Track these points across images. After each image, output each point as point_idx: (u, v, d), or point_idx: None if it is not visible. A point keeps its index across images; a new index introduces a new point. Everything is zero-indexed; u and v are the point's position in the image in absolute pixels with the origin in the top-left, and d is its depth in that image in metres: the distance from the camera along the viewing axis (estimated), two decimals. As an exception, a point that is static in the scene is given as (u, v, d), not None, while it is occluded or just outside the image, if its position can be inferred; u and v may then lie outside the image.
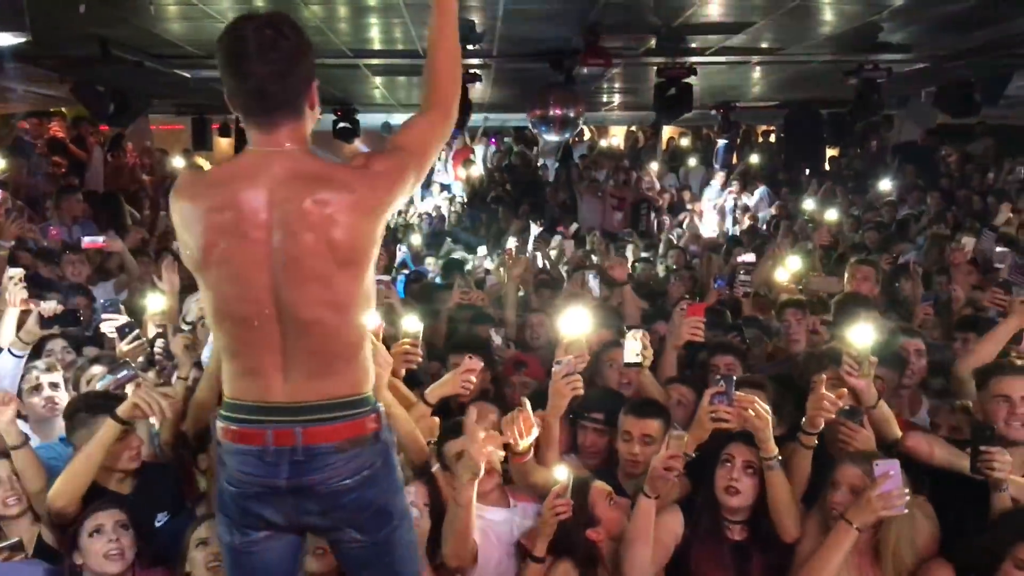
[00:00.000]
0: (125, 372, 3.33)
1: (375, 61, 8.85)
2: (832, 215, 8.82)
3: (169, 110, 13.29)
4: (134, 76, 8.54)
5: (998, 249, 5.72)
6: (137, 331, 3.84)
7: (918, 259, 6.81)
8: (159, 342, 3.95)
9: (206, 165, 14.01)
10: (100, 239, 6.23)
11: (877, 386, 3.15)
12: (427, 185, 14.48)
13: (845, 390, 3.05)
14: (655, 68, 8.50)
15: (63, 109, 11.36)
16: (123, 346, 3.76)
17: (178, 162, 10.97)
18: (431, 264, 9.29)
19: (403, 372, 3.33)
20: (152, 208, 10.04)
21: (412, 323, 3.33)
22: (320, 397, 2.12)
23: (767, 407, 2.95)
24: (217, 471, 2.29)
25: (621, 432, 3.28)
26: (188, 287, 4.75)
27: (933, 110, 10.15)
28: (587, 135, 15.59)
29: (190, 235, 2.10)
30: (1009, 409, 3.08)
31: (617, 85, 10.98)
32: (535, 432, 2.90)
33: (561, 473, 2.85)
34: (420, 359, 3.37)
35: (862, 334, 3.10)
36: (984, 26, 7.03)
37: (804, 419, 3.00)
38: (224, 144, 14.35)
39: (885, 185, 11.14)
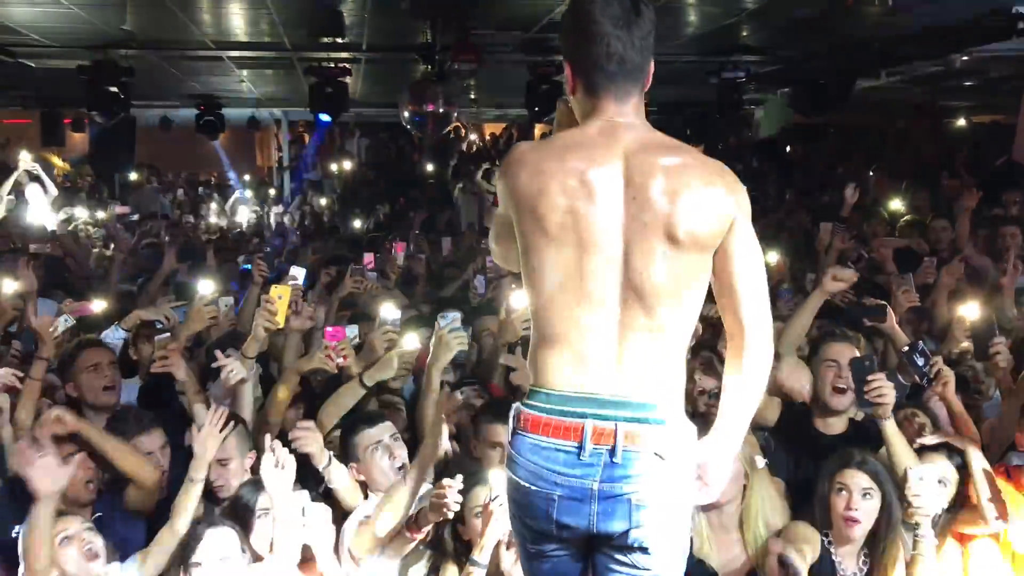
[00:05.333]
0: None
1: (239, 53, 8.57)
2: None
3: (14, 102, 12.44)
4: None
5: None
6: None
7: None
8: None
9: (58, 162, 13.14)
10: None
11: None
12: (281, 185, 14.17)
13: None
14: (526, 66, 8.59)
15: None
16: None
17: (25, 156, 10.21)
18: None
19: None
20: None
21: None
22: (647, 395, 1.93)
23: None
24: (506, 465, 2.05)
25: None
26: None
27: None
28: (464, 132, 15.60)
29: (532, 203, 1.96)
30: (836, 372, 3.32)
31: (488, 82, 11.01)
32: None
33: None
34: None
35: None
36: (831, 31, 7.48)
37: None
38: (78, 139, 13.53)
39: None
